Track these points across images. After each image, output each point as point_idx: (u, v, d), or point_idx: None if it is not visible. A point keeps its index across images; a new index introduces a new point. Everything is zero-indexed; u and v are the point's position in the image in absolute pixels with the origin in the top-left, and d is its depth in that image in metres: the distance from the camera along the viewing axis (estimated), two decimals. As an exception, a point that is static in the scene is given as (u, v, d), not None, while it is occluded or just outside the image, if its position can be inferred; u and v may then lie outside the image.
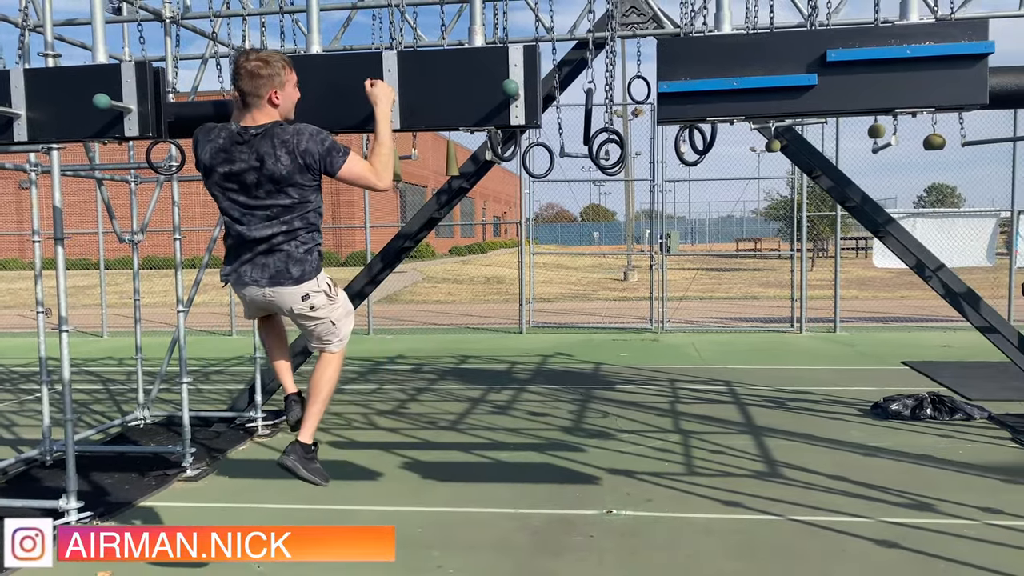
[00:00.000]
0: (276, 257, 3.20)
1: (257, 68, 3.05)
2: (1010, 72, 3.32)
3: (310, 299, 3.29)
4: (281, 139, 3.08)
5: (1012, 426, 6.23)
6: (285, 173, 3.10)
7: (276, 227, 3.17)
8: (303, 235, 3.23)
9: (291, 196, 3.15)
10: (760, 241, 33.09)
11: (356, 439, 6.37)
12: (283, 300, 3.27)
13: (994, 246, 11.93)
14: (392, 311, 16.27)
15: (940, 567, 3.83)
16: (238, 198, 3.19)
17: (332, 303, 3.40)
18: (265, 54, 3.11)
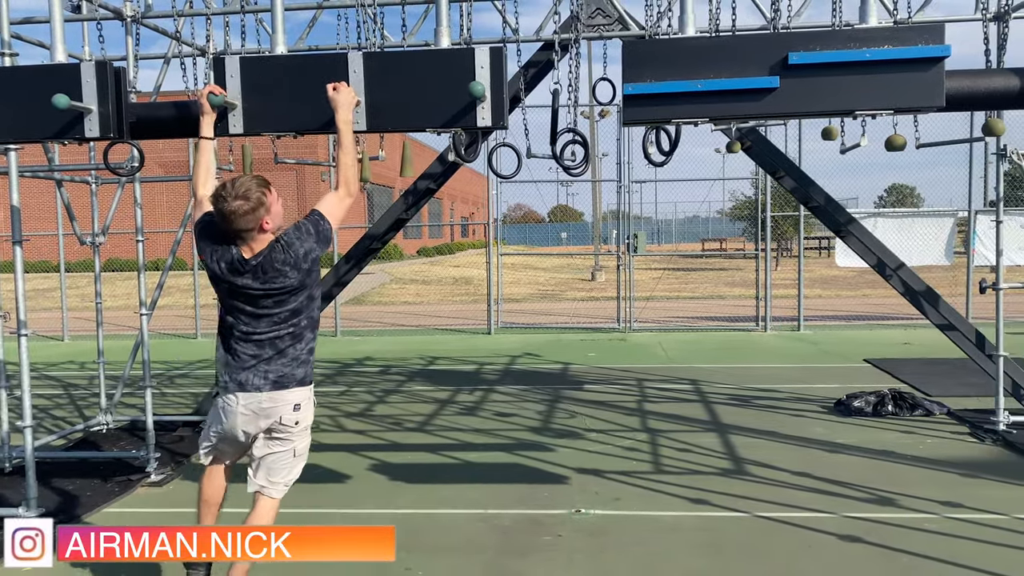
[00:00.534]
0: (281, 362, 3.13)
1: (240, 208, 2.96)
2: (966, 75, 3.40)
3: (300, 410, 3.22)
4: (281, 261, 3.03)
5: (971, 421, 6.37)
6: (295, 284, 3.08)
7: (283, 329, 3.12)
8: (308, 334, 3.19)
9: (298, 299, 3.13)
10: (725, 241, 33.43)
11: (324, 442, 6.32)
12: (275, 409, 3.17)
13: (952, 245, 12.18)
14: (360, 312, 16.18)
15: (903, 561, 3.91)
16: (244, 307, 3.12)
17: (306, 428, 3.33)
18: (242, 188, 2.98)
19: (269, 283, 3.03)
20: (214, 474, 3.46)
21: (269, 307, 3.08)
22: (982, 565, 3.81)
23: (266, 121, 3.34)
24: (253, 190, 2.99)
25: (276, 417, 3.18)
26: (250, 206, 2.97)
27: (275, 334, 3.11)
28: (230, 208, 2.95)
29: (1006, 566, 3.79)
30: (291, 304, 3.09)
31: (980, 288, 6.35)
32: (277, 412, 3.17)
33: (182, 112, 3.60)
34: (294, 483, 3.44)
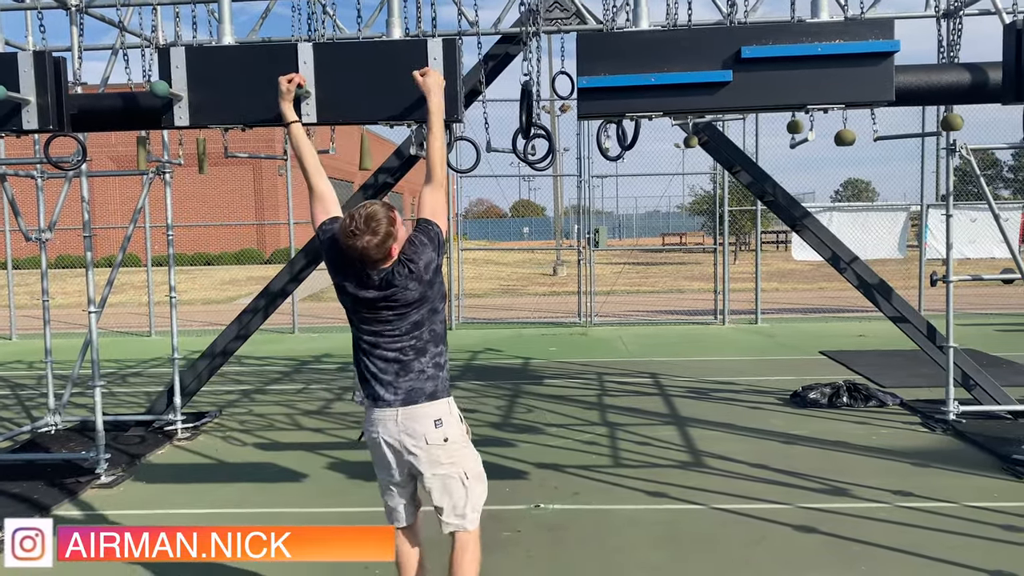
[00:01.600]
0: (408, 378, 3.00)
1: (370, 244, 2.83)
2: (916, 70, 3.44)
3: (443, 427, 3.01)
4: (404, 276, 2.93)
5: (922, 412, 6.49)
6: (417, 297, 2.97)
7: (406, 342, 3.00)
8: (433, 350, 3.05)
9: (420, 311, 3.01)
10: (685, 235, 33.73)
11: (280, 440, 6.23)
12: (417, 427, 2.98)
13: (905, 239, 12.41)
14: (318, 309, 16.00)
15: (855, 549, 3.96)
16: (367, 321, 3.01)
17: (465, 443, 3.12)
18: (372, 223, 2.83)
19: (391, 297, 2.94)
20: (401, 537, 3.23)
21: (390, 320, 2.98)
22: (932, 552, 3.88)
23: (213, 113, 3.25)
24: (382, 224, 2.85)
25: (421, 437, 3.00)
26: (379, 240, 2.84)
27: (398, 347, 3.00)
28: (361, 246, 2.82)
29: (955, 553, 3.86)
30: (413, 317, 2.99)
31: (931, 281, 6.47)
32: (419, 430, 3.00)
33: (127, 103, 3.51)
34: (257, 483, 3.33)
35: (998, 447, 5.44)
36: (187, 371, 6.74)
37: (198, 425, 6.60)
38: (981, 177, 6.13)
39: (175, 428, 6.38)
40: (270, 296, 6.64)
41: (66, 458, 5.65)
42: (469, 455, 3.10)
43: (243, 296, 17.90)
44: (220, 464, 5.70)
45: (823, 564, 3.82)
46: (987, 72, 3.47)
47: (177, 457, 5.89)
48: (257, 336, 8.23)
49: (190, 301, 17.61)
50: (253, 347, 10.46)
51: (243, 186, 29.85)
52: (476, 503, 3.11)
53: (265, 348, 10.83)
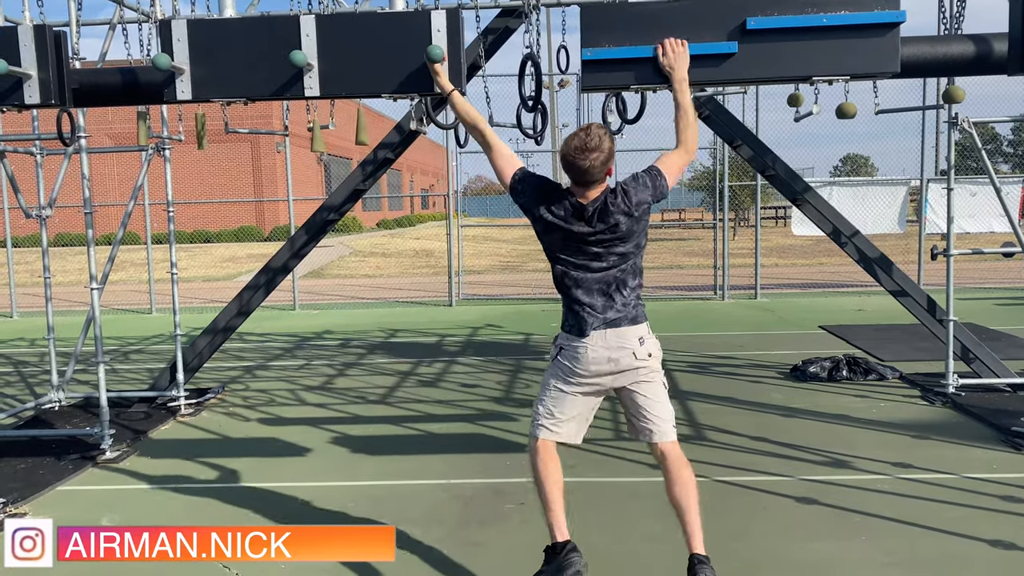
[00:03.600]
0: (613, 307, 3.14)
1: (597, 159, 3.00)
2: (921, 41, 3.43)
3: (646, 344, 3.17)
4: (618, 208, 3.06)
5: (921, 385, 6.53)
6: (625, 232, 3.10)
7: (611, 274, 3.14)
8: (632, 282, 3.19)
9: (627, 246, 3.14)
10: (685, 211, 33.67)
11: (284, 415, 6.27)
12: (624, 347, 3.13)
13: (905, 213, 12.40)
14: (319, 285, 16.02)
15: (855, 520, 4.00)
16: (573, 254, 3.15)
17: (660, 361, 3.26)
18: (596, 140, 3.01)
19: (601, 227, 3.07)
20: (550, 451, 3.31)
21: (598, 253, 3.11)
22: (931, 523, 3.91)
23: (216, 87, 3.23)
24: (606, 140, 3.03)
25: (629, 352, 3.13)
26: (605, 157, 3.02)
27: (605, 279, 3.13)
28: (588, 161, 2.99)
29: (954, 524, 3.90)
30: (619, 249, 3.12)
31: (931, 255, 6.47)
32: (627, 348, 3.13)
33: (128, 78, 3.49)
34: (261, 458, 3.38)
35: (997, 419, 5.47)
36: (189, 348, 6.76)
37: (201, 401, 6.63)
38: (983, 151, 6.12)
39: (178, 404, 6.41)
40: (271, 273, 6.65)
41: (71, 434, 5.69)
42: (662, 372, 3.27)
43: (243, 273, 17.91)
44: (224, 439, 5.74)
45: (823, 534, 3.86)
46: (992, 43, 3.45)
47: (181, 433, 5.92)
48: (258, 313, 8.23)
49: (190, 278, 17.61)
50: (254, 324, 10.48)
51: (242, 163, 29.73)
52: (673, 416, 3.28)
53: (266, 325, 10.86)
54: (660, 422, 3.20)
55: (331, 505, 4.36)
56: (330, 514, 4.25)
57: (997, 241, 10.47)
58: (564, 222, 3.09)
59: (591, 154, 2.98)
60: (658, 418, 3.20)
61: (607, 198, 3.06)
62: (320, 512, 4.29)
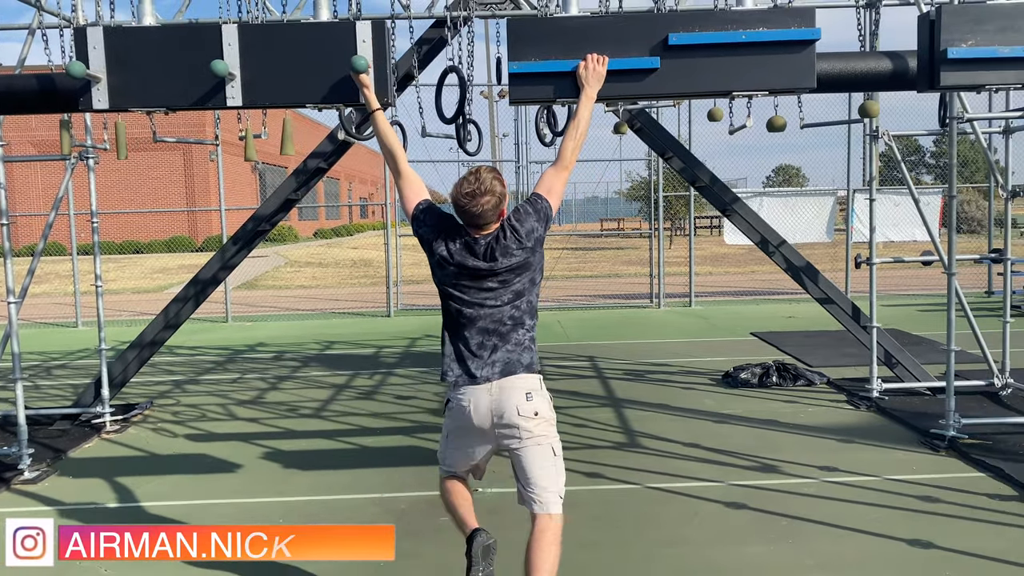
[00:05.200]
0: (505, 349, 3.04)
1: (487, 204, 2.96)
2: (837, 58, 3.54)
3: (534, 400, 3.02)
4: (509, 238, 3.02)
5: (847, 390, 6.72)
6: (519, 263, 3.04)
7: (505, 313, 3.06)
8: (528, 321, 3.11)
9: (522, 280, 3.08)
10: (623, 221, 34.09)
11: (214, 431, 6.12)
12: (508, 401, 2.99)
13: (833, 223, 12.78)
14: (252, 297, 15.72)
15: (783, 524, 4.09)
16: (466, 291, 3.06)
17: (553, 420, 3.12)
18: (486, 184, 2.96)
19: (496, 262, 3.02)
20: (455, 485, 3.29)
21: (493, 287, 3.05)
22: (854, 524, 4.03)
23: (134, 96, 3.15)
24: (496, 185, 2.99)
25: (512, 409, 2.99)
26: (496, 200, 2.98)
27: (498, 318, 3.05)
28: (479, 206, 2.95)
29: (876, 524, 4.02)
30: (515, 285, 3.06)
31: (855, 263, 6.68)
32: (511, 403, 3.00)
33: (44, 85, 3.37)
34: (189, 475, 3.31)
35: (918, 422, 5.67)
36: (115, 362, 6.56)
37: (128, 417, 6.43)
38: (903, 163, 6.35)
39: (103, 421, 6.21)
40: (200, 284, 6.50)
41: (-14, 454, 5.45)
42: (555, 433, 3.12)
43: (174, 285, 17.46)
44: (151, 456, 5.58)
45: (753, 539, 3.94)
46: (904, 60, 3.59)
47: (105, 450, 5.73)
48: (189, 325, 8.04)
49: (119, 290, 17.10)
50: (184, 337, 10.22)
51: (173, 172, 29.05)
52: (561, 485, 3.09)
53: (197, 337, 10.60)
54: (543, 492, 3.05)
55: (259, 523, 4.27)
56: (260, 531, 4.16)
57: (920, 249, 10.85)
58: (459, 255, 3.04)
59: (481, 199, 2.95)
60: (541, 488, 3.04)
61: (498, 234, 3.03)
62: (249, 530, 4.19)
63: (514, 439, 3.02)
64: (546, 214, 3.09)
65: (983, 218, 22.08)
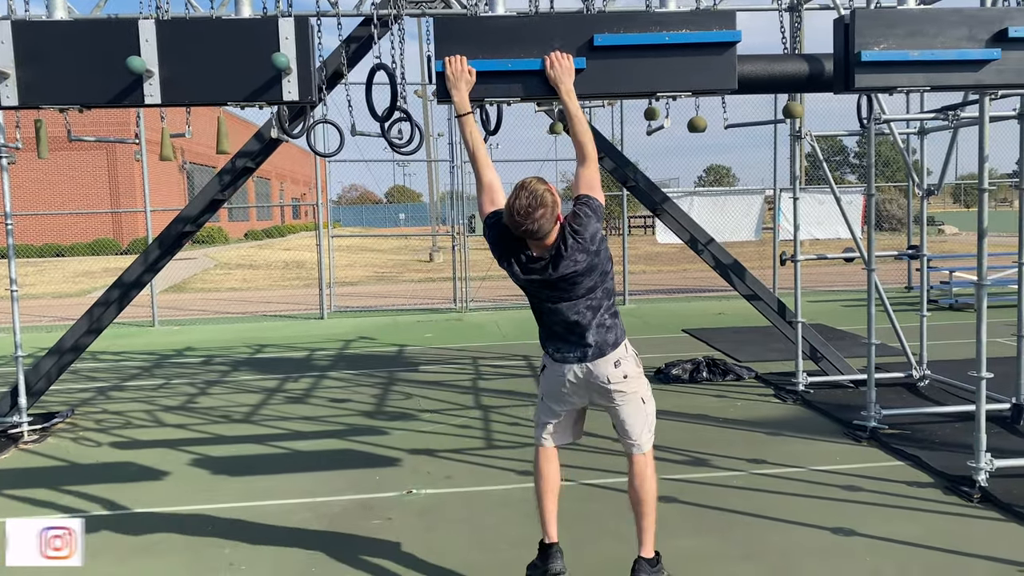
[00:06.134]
0: (592, 333, 3.22)
1: (541, 217, 3.00)
2: (757, 60, 3.63)
3: (622, 366, 3.26)
4: (571, 248, 3.09)
5: (775, 384, 6.90)
6: (585, 268, 3.13)
7: (584, 304, 3.19)
8: (606, 303, 3.27)
9: (593, 277, 3.19)
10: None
11: (139, 438, 5.94)
12: (600, 372, 3.23)
13: (761, 222, 13.11)
14: (180, 300, 15.32)
15: (712, 516, 4.17)
16: (544, 292, 3.20)
17: (640, 374, 3.36)
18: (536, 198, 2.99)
19: (562, 270, 3.11)
20: (550, 456, 3.48)
21: (565, 289, 3.16)
22: (781, 515, 4.14)
23: (45, 93, 3.03)
24: (548, 195, 3.02)
25: (602, 381, 3.24)
26: (551, 211, 3.02)
27: (577, 309, 3.18)
28: (535, 222, 2.99)
29: (801, 514, 4.14)
30: (586, 283, 3.17)
31: (780, 260, 6.87)
32: (601, 376, 3.23)
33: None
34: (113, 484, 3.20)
35: (841, 414, 5.85)
36: (33, 369, 6.31)
37: (47, 426, 6.20)
38: (826, 163, 6.55)
39: (21, 431, 5.97)
40: (124, 288, 6.30)
41: None
42: (644, 381, 3.38)
43: (97, 288, 16.87)
44: (71, 466, 5.38)
45: (683, 531, 4.01)
46: (822, 63, 3.70)
47: (22, 461, 5.51)
48: (113, 330, 7.81)
49: (38, 295, 16.46)
50: (109, 342, 9.91)
51: (97, 172, 28.12)
52: (651, 424, 3.42)
53: (122, 343, 10.28)
54: (635, 437, 3.37)
55: (188, 530, 4.17)
56: (185, 540, 4.05)
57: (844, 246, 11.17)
58: (523, 274, 3.15)
59: (537, 212, 2.99)
60: (632, 434, 3.37)
61: (559, 245, 3.10)
62: (175, 539, 4.08)
63: (607, 400, 3.30)
64: (600, 211, 3.19)
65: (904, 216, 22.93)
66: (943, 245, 23.65)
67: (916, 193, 6.60)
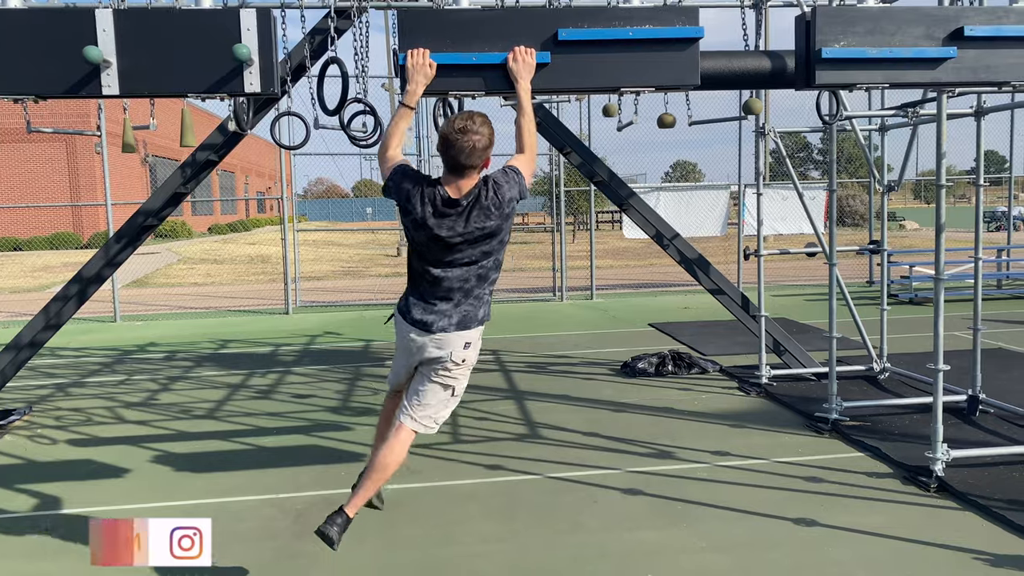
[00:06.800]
0: (467, 303, 3.23)
1: (478, 143, 3.04)
2: (720, 56, 3.66)
3: (469, 348, 3.30)
4: (490, 202, 3.10)
5: (739, 377, 6.98)
6: (494, 228, 3.15)
7: (472, 271, 3.20)
8: (493, 275, 3.30)
9: (492, 243, 3.21)
10: (527, 215, 34.34)
11: (100, 435, 5.85)
12: (451, 344, 3.25)
13: (726, 217, 13.24)
14: (142, 295, 15.08)
15: (677, 508, 4.22)
16: (441, 252, 3.17)
17: (469, 368, 3.41)
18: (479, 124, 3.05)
19: (472, 223, 3.11)
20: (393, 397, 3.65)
21: (463, 250, 3.15)
22: (744, 507, 4.19)
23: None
24: (486, 128, 3.07)
25: (447, 351, 3.25)
26: (485, 142, 3.05)
27: (465, 276, 3.19)
28: (470, 142, 3.01)
29: (765, 505, 4.20)
30: (484, 246, 3.17)
31: (744, 255, 6.94)
32: (448, 347, 3.25)
33: None
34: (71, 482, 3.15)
35: (803, 406, 5.94)
36: (-16, 365, 6.17)
37: (3, 424, 6.07)
38: (789, 159, 6.62)
39: (-24, 429, 5.84)
40: (83, 282, 6.19)
41: None
42: (466, 378, 3.44)
43: (57, 283, 16.56)
44: (28, 464, 5.28)
45: (648, 524, 4.04)
46: (784, 60, 3.74)
47: (-23, 460, 5.39)
48: (73, 326, 7.67)
49: (-5, 291, 16.11)
50: (68, 337, 9.74)
51: (56, 164, 27.57)
52: (441, 418, 3.47)
53: (83, 338, 10.10)
54: (422, 413, 3.41)
55: (150, 529, 4.10)
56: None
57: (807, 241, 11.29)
58: (433, 217, 3.11)
59: (473, 136, 3.02)
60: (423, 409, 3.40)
61: (481, 191, 3.12)
62: (137, 537, 4.02)
63: (432, 375, 3.33)
64: (523, 193, 3.24)
65: (867, 212, 23.31)
66: (904, 240, 24.10)
67: (878, 189, 6.71)
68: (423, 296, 3.25)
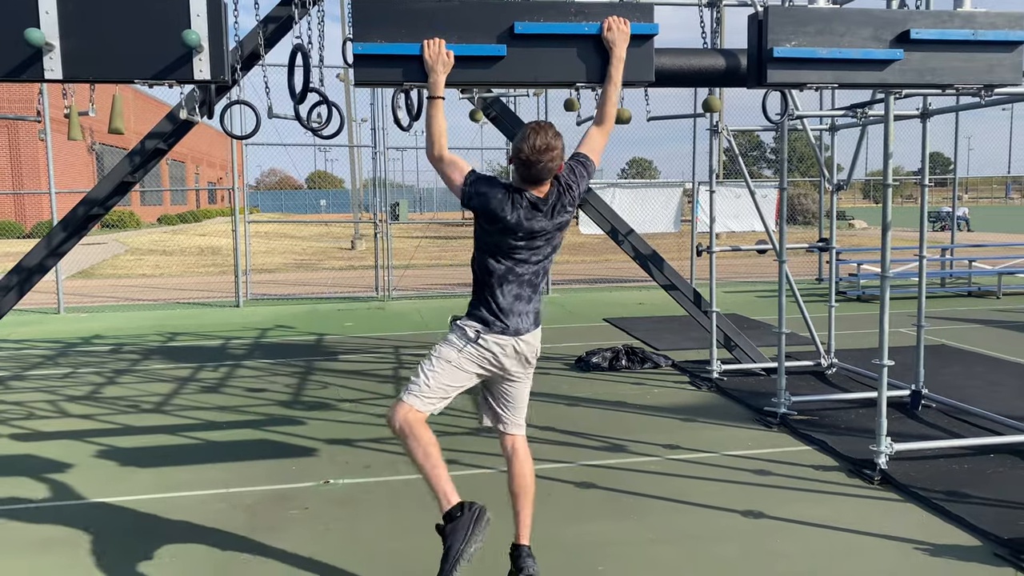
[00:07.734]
0: (535, 300, 3.26)
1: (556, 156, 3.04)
2: (675, 53, 3.69)
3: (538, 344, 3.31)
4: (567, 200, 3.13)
5: (690, 371, 7.07)
6: (567, 222, 3.18)
7: (541, 267, 3.24)
8: (545, 275, 3.31)
9: (560, 237, 3.25)
10: (483, 209, 34.27)
11: (42, 429, 5.69)
12: (533, 341, 3.25)
13: (680, 214, 13.38)
14: (88, 287, 14.71)
15: (628, 501, 4.26)
16: (520, 250, 3.16)
17: None
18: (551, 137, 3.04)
19: (554, 220, 3.14)
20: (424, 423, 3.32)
21: (540, 247, 3.17)
22: (694, 499, 4.25)
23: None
24: (560, 137, 3.08)
25: (532, 351, 3.25)
26: (559, 153, 3.07)
27: (535, 271, 3.21)
28: (554, 159, 3.03)
29: (714, 497, 4.26)
30: (556, 241, 3.21)
31: (697, 252, 7.02)
32: (531, 349, 3.25)
33: None
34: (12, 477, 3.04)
35: (753, 400, 6.04)
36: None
37: (-60, 419, 5.87)
38: (741, 157, 6.71)
39: (-90, 423, 5.64)
40: (25, 273, 6.01)
41: None
42: None
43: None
44: (-33, 460, 5.12)
45: (601, 516, 4.08)
46: (737, 58, 3.79)
47: (-87, 456, 5.21)
48: (14, 317, 7.46)
49: (-68, 281, 15.55)
50: (9, 329, 9.47)
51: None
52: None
53: (24, 330, 9.82)
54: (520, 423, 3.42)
55: (93, 524, 4.01)
56: (90, 534, 3.90)
57: (759, 239, 11.45)
58: (525, 219, 3.09)
59: (553, 152, 3.03)
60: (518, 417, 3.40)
61: (558, 190, 3.13)
62: (77, 534, 3.93)
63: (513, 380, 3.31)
64: (591, 176, 3.27)
65: (817, 210, 23.76)
66: (852, 239, 24.64)
67: (827, 188, 6.85)
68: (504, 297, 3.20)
